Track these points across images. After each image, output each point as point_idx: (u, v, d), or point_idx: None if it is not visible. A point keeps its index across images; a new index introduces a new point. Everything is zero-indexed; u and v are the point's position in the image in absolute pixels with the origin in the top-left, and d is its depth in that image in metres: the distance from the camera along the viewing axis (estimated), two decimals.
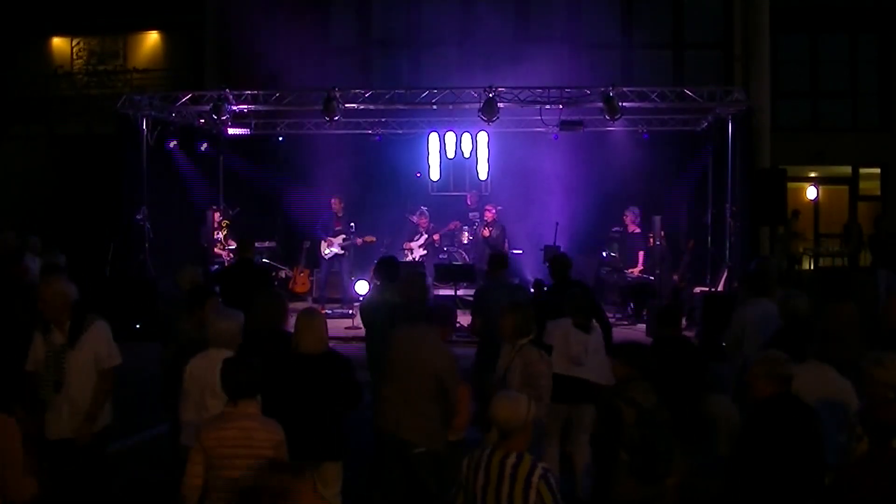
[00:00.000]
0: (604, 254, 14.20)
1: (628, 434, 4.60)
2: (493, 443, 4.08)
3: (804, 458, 4.48)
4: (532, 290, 9.14)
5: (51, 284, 5.58)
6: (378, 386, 5.77)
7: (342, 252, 14.13)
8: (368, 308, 7.48)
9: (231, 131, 14.75)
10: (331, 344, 5.64)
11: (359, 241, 14.01)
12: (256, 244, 14.10)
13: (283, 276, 14.70)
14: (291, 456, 5.05)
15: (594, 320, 6.78)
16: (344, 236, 14.09)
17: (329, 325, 5.54)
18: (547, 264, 8.26)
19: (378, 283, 7.66)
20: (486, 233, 13.86)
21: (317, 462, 5.31)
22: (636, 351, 5.17)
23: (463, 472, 4.10)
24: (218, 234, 14.24)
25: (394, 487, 5.65)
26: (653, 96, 12.52)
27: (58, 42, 20.86)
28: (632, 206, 13.81)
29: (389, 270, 7.63)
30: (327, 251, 14.13)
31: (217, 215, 14.38)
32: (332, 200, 14.23)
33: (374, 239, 13.84)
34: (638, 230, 13.74)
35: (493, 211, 14.03)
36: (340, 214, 14.17)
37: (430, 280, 13.44)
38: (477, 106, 12.22)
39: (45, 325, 5.50)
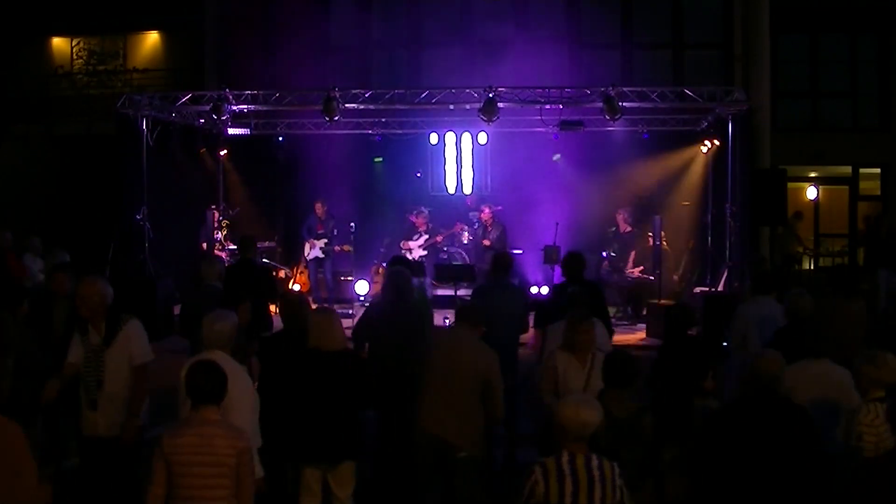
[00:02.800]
0: (604, 254, 14.21)
1: (598, 443, 4.62)
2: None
3: (784, 456, 4.46)
4: (545, 290, 9.09)
5: (90, 284, 5.66)
6: (419, 390, 5.67)
7: (323, 255, 14.20)
8: (371, 308, 7.43)
9: (231, 131, 14.73)
10: None
11: (337, 248, 14.10)
12: (257, 244, 14.14)
13: (283, 275, 14.70)
14: (309, 455, 5.05)
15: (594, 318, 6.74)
16: (325, 241, 14.14)
17: None
18: (561, 264, 8.26)
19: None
20: (488, 243, 13.77)
21: (333, 463, 5.30)
22: (614, 361, 5.16)
23: (538, 481, 4.01)
24: (218, 234, 14.24)
25: (433, 491, 5.59)
26: (653, 96, 12.51)
27: (58, 42, 20.85)
28: (623, 207, 13.81)
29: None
30: (310, 253, 14.25)
31: (217, 215, 14.38)
32: (316, 204, 14.29)
33: (350, 249, 13.87)
34: (630, 229, 13.74)
35: (488, 211, 13.99)
36: (323, 218, 14.23)
37: (428, 280, 13.45)
38: (477, 106, 12.21)
39: (83, 325, 5.63)
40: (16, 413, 5.34)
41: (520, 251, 14.46)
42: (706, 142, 14.18)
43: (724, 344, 8.42)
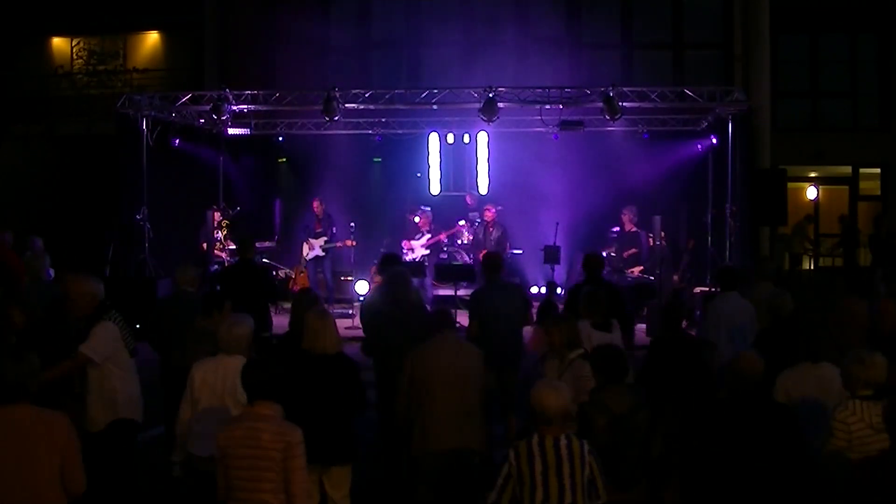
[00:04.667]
0: (604, 254, 14.20)
1: (598, 440, 4.64)
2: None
3: (767, 455, 4.50)
4: (544, 290, 9.11)
5: (78, 282, 5.70)
6: (421, 404, 5.55)
7: (323, 254, 14.19)
8: (370, 309, 7.43)
9: (231, 131, 14.73)
10: None
11: (339, 244, 14.07)
12: (256, 244, 14.12)
13: (283, 276, 14.69)
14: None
15: (614, 320, 6.78)
16: (325, 238, 14.13)
17: None
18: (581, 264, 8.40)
19: (380, 280, 7.67)
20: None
21: (326, 464, 5.30)
22: (607, 356, 5.16)
23: (511, 463, 4.23)
24: (217, 234, 14.23)
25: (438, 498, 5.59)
26: (653, 96, 12.51)
27: (58, 42, 20.86)
28: (628, 206, 13.80)
29: (392, 265, 7.64)
30: (309, 253, 14.22)
31: (217, 215, 14.37)
32: (314, 202, 14.26)
33: (353, 243, 13.86)
34: (635, 229, 13.73)
35: (493, 211, 13.99)
36: (321, 216, 14.22)
37: (428, 280, 13.44)
38: (477, 106, 12.21)
39: (76, 321, 5.70)
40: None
41: (520, 251, 14.47)
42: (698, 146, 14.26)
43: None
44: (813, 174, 20.44)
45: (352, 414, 5.36)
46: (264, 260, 14.12)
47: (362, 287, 13.79)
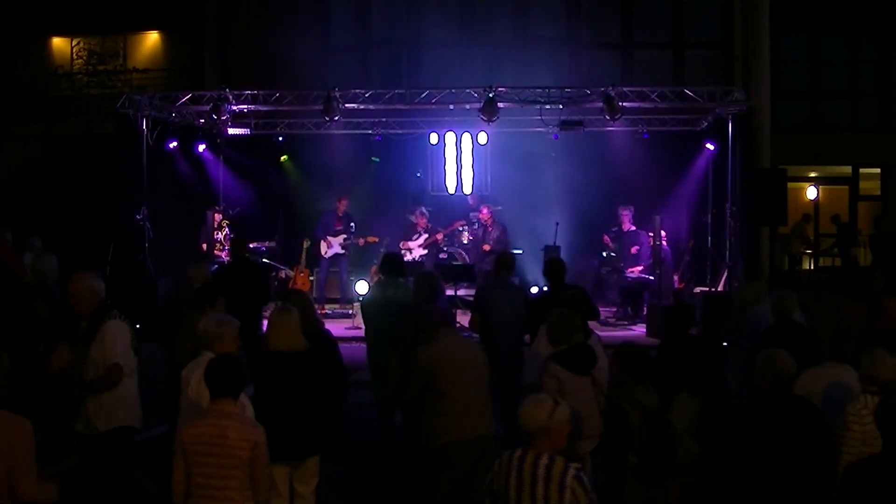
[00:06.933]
0: (603, 254, 14.21)
1: (636, 436, 4.61)
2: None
3: (803, 456, 4.51)
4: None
5: (80, 280, 5.61)
6: (444, 397, 5.58)
7: (343, 252, 14.14)
8: (370, 305, 7.52)
9: (231, 131, 14.72)
10: None
11: (361, 241, 13.98)
12: (256, 244, 14.12)
13: (283, 276, 14.68)
14: (274, 453, 5.06)
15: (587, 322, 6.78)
16: (345, 236, 14.08)
17: (329, 325, 5.55)
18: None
19: (381, 278, 7.72)
20: (488, 248, 13.70)
21: (299, 459, 5.29)
22: (632, 353, 5.16)
23: (493, 473, 4.13)
24: (218, 234, 14.23)
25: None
26: (653, 96, 12.52)
27: (58, 42, 20.85)
28: (626, 205, 13.82)
29: (393, 266, 7.66)
30: (328, 251, 14.14)
31: (217, 216, 14.37)
32: (340, 201, 14.14)
33: (376, 239, 13.79)
34: (634, 228, 13.75)
35: (486, 211, 13.97)
36: (341, 215, 14.18)
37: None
38: (477, 106, 12.22)
39: (76, 320, 5.57)
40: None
41: (520, 251, 14.45)
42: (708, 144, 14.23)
43: (724, 344, 8.43)
44: (813, 174, 20.44)
45: (320, 405, 5.29)
46: (264, 260, 14.13)
47: (362, 287, 13.78)
